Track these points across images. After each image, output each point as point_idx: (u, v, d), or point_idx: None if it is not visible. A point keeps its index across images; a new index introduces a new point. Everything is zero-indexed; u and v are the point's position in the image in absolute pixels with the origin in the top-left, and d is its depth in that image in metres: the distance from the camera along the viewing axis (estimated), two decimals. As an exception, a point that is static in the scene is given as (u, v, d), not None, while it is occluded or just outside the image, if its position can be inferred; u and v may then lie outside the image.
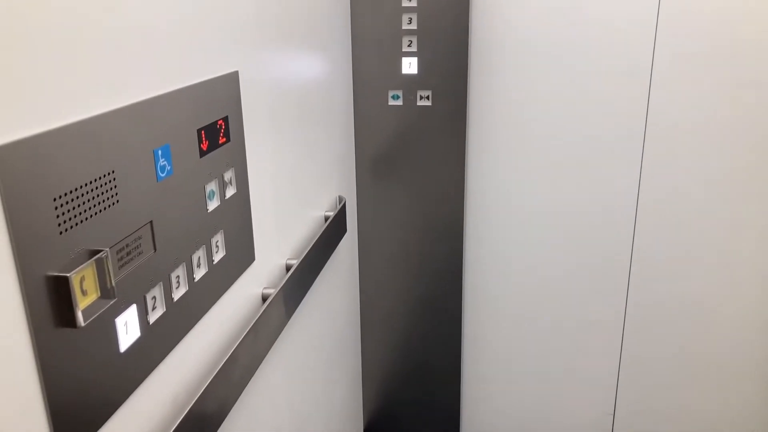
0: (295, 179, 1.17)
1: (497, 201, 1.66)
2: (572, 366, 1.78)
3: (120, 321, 0.62)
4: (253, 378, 0.95)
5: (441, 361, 1.76)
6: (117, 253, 0.62)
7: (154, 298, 0.69)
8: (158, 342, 0.70)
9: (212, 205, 0.82)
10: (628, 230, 1.63)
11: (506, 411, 1.86)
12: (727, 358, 1.69)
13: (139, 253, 0.66)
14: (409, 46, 1.48)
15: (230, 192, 0.87)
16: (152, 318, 0.68)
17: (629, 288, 1.67)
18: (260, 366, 0.98)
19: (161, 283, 0.70)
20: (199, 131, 0.77)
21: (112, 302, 0.59)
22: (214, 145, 0.82)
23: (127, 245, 0.63)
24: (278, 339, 1.06)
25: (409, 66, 1.50)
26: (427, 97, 1.52)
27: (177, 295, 0.73)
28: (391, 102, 1.54)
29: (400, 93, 1.53)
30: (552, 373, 1.79)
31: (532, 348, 1.78)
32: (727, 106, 1.49)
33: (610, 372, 1.76)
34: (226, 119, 0.85)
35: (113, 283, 0.59)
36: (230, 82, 0.87)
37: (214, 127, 0.82)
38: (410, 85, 1.52)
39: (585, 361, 1.76)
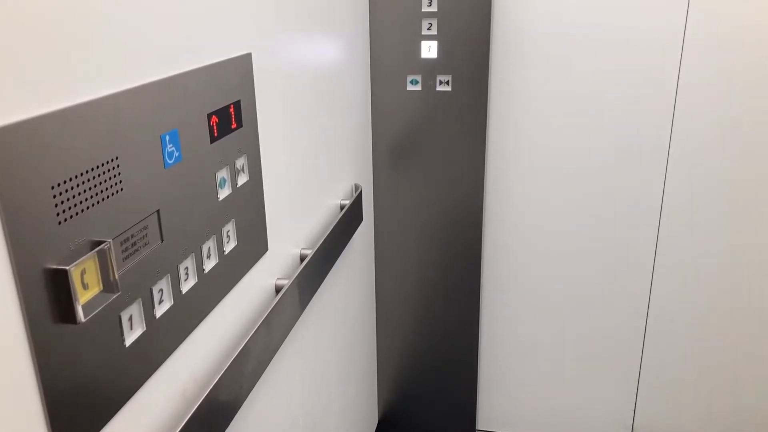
0: (309, 166, 1.14)
1: (518, 191, 1.61)
2: (592, 360, 1.73)
3: (124, 315, 0.59)
4: (266, 371, 0.93)
5: (458, 354, 1.73)
6: (121, 244, 0.59)
7: (161, 290, 0.66)
8: (166, 336, 0.67)
9: (223, 193, 0.79)
10: (653, 224, 1.57)
11: (524, 405, 1.82)
12: (751, 359, 1.64)
13: (145, 244, 0.63)
14: (428, 29, 1.44)
15: (242, 180, 0.84)
16: (159, 312, 0.65)
17: (653, 283, 1.62)
18: (274, 358, 0.95)
19: (169, 275, 0.67)
20: (209, 116, 0.74)
21: (115, 296, 0.56)
22: (225, 131, 0.78)
23: (132, 236, 0.60)
24: (292, 331, 1.03)
25: (429, 50, 1.45)
26: (447, 82, 1.48)
27: (185, 287, 0.70)
28: (410, 87, 1.49)
29: (419, 78, 1.48)
30: (571, 368, 1.75)
31: (551, 342, 1.74)
32: (754, 112, 1.43)
33: (632, 367, 1.72)
34: (238, 104, 0.81)
35: (117, 276, 0.56)
36: (243, 65, 0.83)
37: (225, 111, 0.78)
38: (430, 69, 1.47)
39: (606, 355, 1.72)
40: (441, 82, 1.48)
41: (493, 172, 1.60)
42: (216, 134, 0.76)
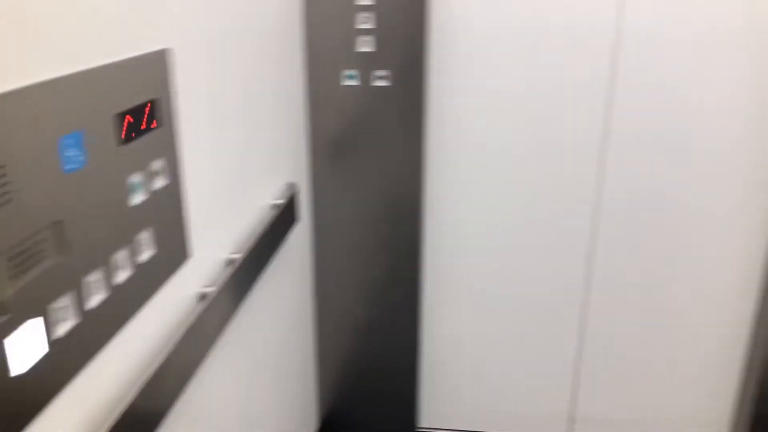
0: (238, 166, 1.08)
1: (457, 186, 1.59)
2: (532, 353, 1.74)
3: (12, 340, 0.53)
4: (191, 384, 0.87)
5: (399, 353, 1.71)
6: (10, 260, 0.53)
7: (62, 308, 0.60)
8: (67, 358, 0.61)
9: (136, 199, 0.73)
10: (588, 215, 1.59)
11: (466, 400, 1.82)
12: (694, 354, 1.68)
13: (42, 259, 0.57)
14: (365, 22, 1.40)
15: (159, 183, 0.78)
16: (59, 332, 0.59)
17: (592, 275, 1.64)
18: (199, 370, 0.90)
19: (71, 290, 0.61)
20: (118, 117, 0.68)
21: (1, 320, 0.50)
22: (138, 132, 0.73)
23: (24, 251, 0.54)
24: (219, 340, 0.98)
25: (366, 44, 1.41)
26: (385, 77, 1.44)
27: (92, 302, 0.65)
28: (347, 82, 1.45)
29: (355, 72, 1.44)
30: (512, 362, 1.76)
31: (493, 337, 1.74)
32: (688, 102, 1.45)
33: (573, 360, 1.73)
34: (153, 102, 0.76)
35: (2, 297, 0.50)
36: (158, 61, 0.77)
37: (138, 111, 0.72)
38: (367, 64, 1.43)
39: (547, 349, 1.73)
40: (379, 77, 1.44)
41: (432, 167, 1.58)
42: (127, 136, 0.70)
